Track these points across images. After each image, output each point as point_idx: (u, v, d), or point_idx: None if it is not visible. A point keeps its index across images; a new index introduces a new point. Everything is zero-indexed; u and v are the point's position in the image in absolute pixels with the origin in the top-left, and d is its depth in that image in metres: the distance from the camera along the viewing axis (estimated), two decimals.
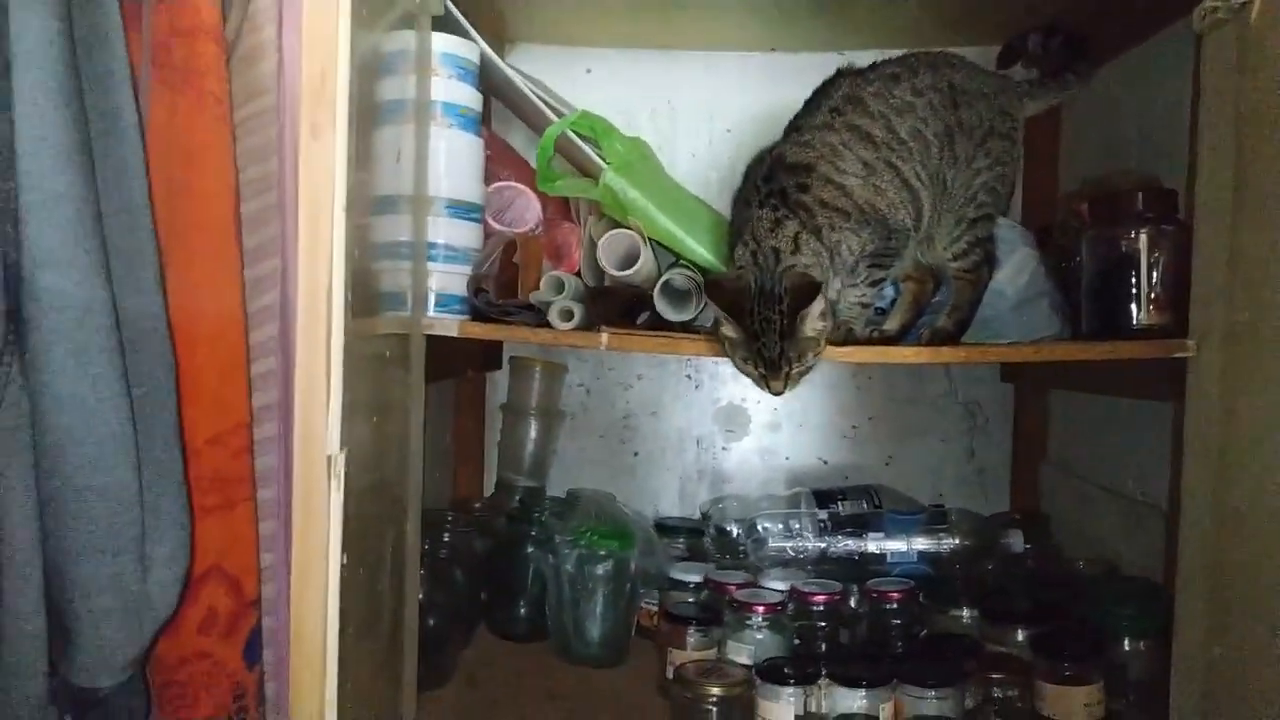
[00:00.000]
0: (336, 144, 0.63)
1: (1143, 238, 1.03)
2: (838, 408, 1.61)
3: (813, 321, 0.93)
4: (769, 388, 0.96)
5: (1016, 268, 1.13)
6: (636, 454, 1.64)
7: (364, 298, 0.81)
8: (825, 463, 1.62)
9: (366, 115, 0.81)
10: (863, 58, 1.11)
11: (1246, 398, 0.90)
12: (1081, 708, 1.02)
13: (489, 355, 1.56)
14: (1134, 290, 1.03)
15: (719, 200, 1.33)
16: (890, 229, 1.00)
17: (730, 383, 1.63)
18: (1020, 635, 1.11)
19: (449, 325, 1.02)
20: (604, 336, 1.01)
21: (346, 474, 0.67)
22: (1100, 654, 1.05)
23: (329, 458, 0.65)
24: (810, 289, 0.91)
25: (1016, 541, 1.26)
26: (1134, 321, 1.03)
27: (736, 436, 1.63)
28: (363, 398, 0.77)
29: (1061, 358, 1.01)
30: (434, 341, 1.02)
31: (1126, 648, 1.07)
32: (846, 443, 1.61)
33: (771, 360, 0.94)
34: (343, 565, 0.66)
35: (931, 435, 1.61)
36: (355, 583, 0.72)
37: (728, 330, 0.96)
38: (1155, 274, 1.03)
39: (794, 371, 0.95)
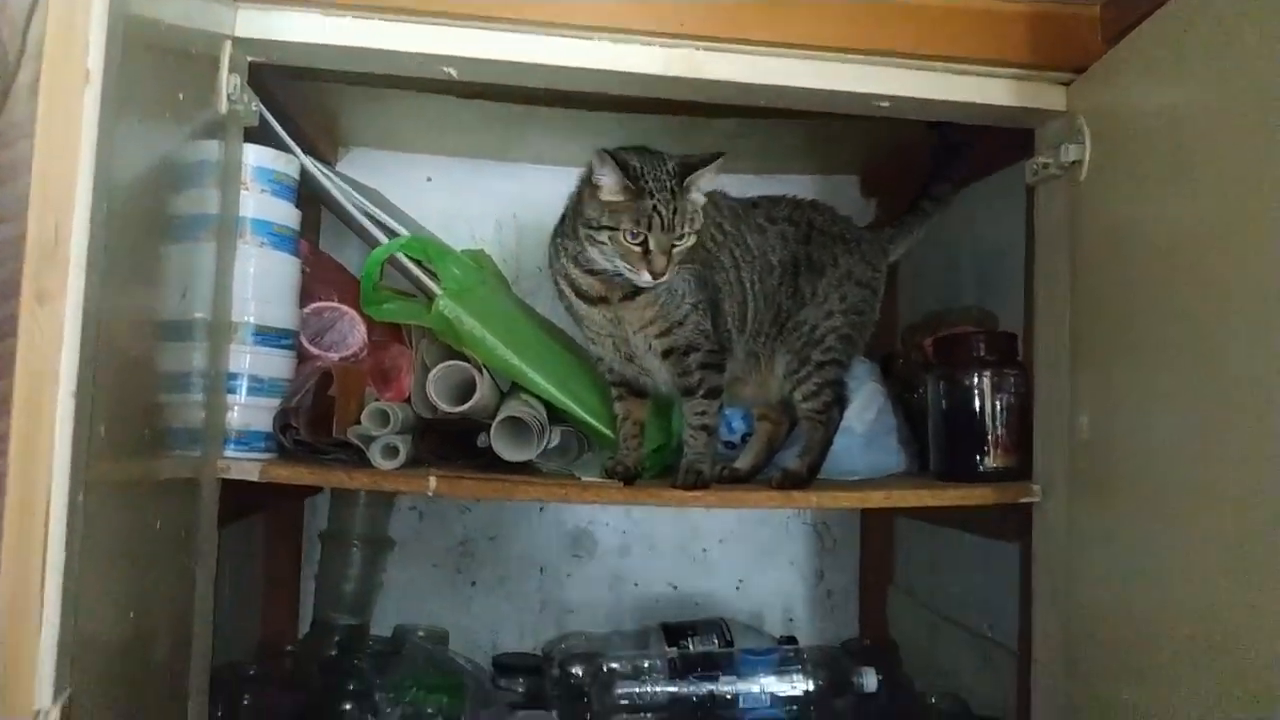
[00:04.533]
0: (68, 315, 0.51)
1: (986, 381, 1.03)
2: (688, 529, 1.55)
3: (699, 192, 0.92)
4: (650, 266, 0.89)
5: (864, 403, 1.12)
6: (474, 583, 1.51)
7: (133, 443, 0.68)
8: (675, 589, 1.54)
9: (148, 233, 0.70)
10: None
11: (1092, 543, 0.90)
12: None
13: None
14: (979, 434, 1.03)
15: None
16: (717, 316, 0.98)
17: (577, 505, 1.54)
18: None
19: (248, 468, 0.89)
20: (432, 481, 0.91)
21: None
22: None
23: (36, 714, 0.50)
24: (701, 159, 0.91)
25: (870, 680, 1.21)
26: (980, 465, 1.03)
27: (583, 562, 1.53)
28: (114, 574, 0.63)
29: (913, 504, 0.99)
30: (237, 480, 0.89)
31: None
32: (697, 567, 1.55)
33: (667, 221, 0.88)
34: None
35: (781, 557, 1.57)
36: None
37: (612, 195, 0.90)
38: (999, 417, 1.03)
39: (678, 247, 0.90)
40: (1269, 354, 0.66)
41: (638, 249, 0.89)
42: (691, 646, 1.31)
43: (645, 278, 0.89)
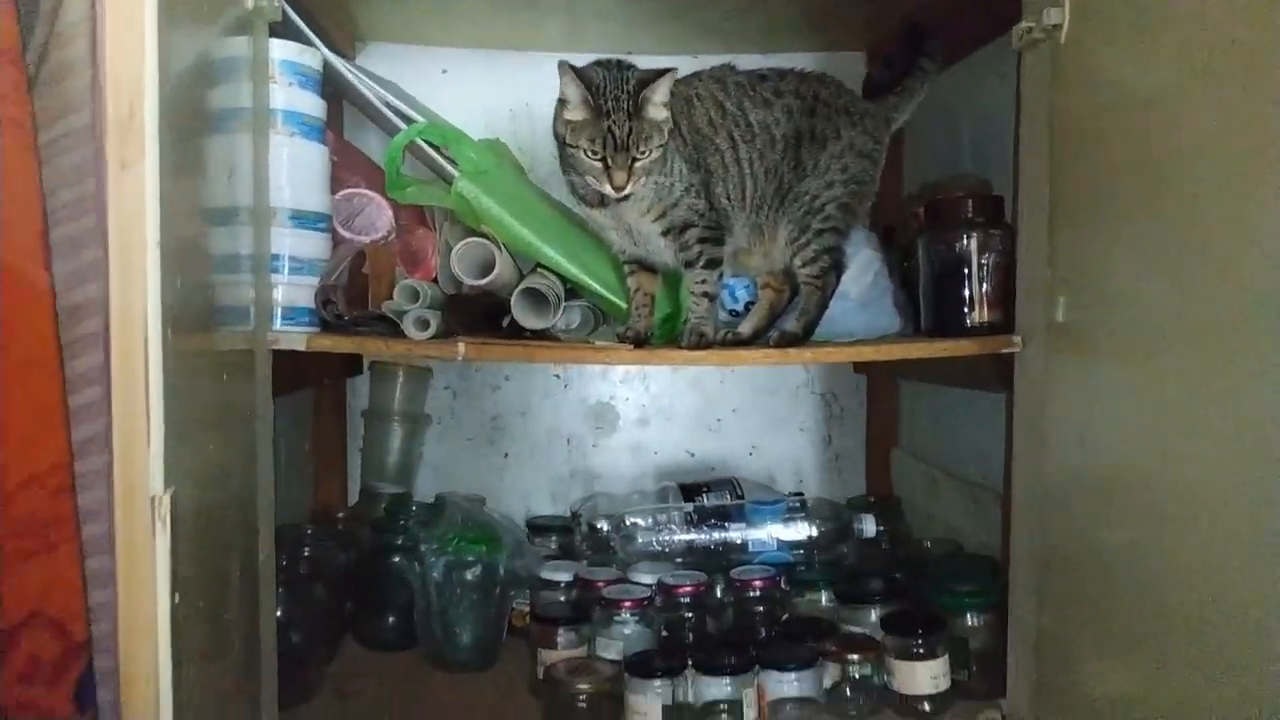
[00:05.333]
0: (147, 175, 0.61)
1: (973, 241, 1.10)
2: (703, 401, 1.65)
3: (657, 106, 0.96)
4: (611, 180, 0.96)
5: (861, 268, 1.18)
6: (506, 455, 1.64)
7: (197, 315, 0.78)
8: (692, 455, 1.65)
9: (194, 124, 0.78)
10: (718, 60, 1.14)
11: (1066, 389, 0.97)
12: (928, 680, 1.09)
13: (348, 361, 1.52)
14: (966, 290, 1.10)
15: None
16: (710, 195, 1.04)
17: (599, 381, 1.64)
18: (873, 615, 1.17)
19: (296, 339, 0.99)
20: (461, 347, 1.00)
21: (176, 511, 0.64)
22: (944, 629, 1.12)
23: (152, 499, 0.62)
24: (656, 73, 0.95)
25: (869, 526, 1.33)
26: (967, 320, 1.10)
27: (606, 434, 1.65)
28: (195, 424, 0.74)
29: (902, 356, 1.06)
30: (286, 353, 0.99)
31: (969, 622, 1.14)
32: (712, 435, 1.66)
33: (621, 141, 0.94)
34: (174, 605, 0.64)
35: (791, 424, 1.67)
36: (193, 617, 0.69)
37: (574, 113, 0.96)
38: (985, 275, 1.10)
39: (638, 163, 0.96)
40: (1236, 205, 0.69)
41: (599, 164, 0.96)
42: (706, 502, 1.43)
43: (608, 190, 0.97)
